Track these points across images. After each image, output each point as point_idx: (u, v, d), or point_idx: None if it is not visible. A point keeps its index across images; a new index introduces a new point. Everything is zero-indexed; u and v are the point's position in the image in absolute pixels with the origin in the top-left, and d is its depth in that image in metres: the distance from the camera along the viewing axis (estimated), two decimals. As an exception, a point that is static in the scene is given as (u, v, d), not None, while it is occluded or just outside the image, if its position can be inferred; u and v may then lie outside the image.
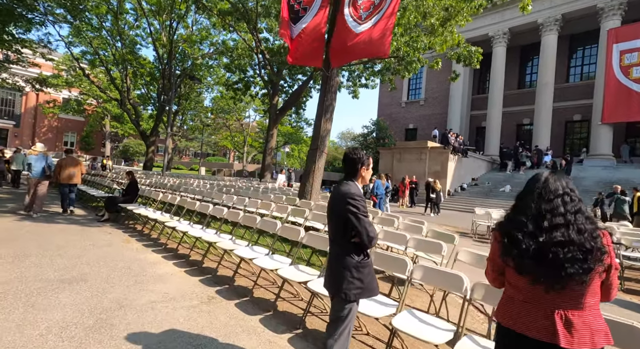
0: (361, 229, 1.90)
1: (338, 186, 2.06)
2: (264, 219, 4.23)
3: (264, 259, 3.60)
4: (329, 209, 2.11)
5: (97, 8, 21.07)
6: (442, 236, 4.20)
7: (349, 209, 1.91)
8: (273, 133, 19.15)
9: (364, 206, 1.95)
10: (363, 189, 7.73)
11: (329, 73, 7.08)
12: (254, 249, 4.03)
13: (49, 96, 40.76)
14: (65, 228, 6.30)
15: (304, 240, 3.52)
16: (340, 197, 1.97)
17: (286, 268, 3.32)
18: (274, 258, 3.70)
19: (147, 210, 6.67)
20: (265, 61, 17.95)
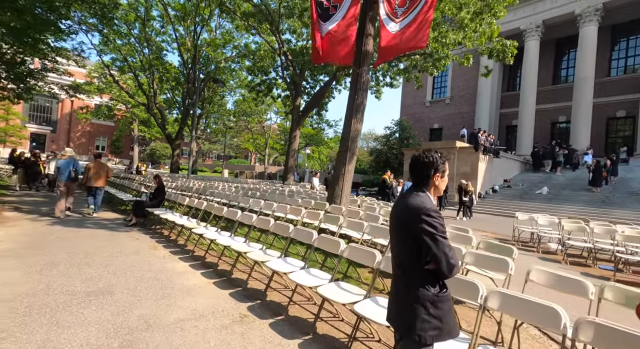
0: (439, 254, 1.49)
1: (406, 198, 1.66)
2: (297, 228, 3.88)
3: (301, 275, 3.25)
4: (393, 226, 1.72)
5: (126, 16, 21.76)
6: (498, 249, 3.69)
7: (423, 228, 1.51)
8: (295, 135, 18.94)
9: (443, 225, 1.54)
10: (389, 192, 7.30)
11: (360, 70, 6.68)
12: (288, 261, 3.68)
13: (82, 103, 42.79)
14: (94, 234, 6.25)
15: (344, 254, 3.13)
16: (411, 213, 1.57)
17: (326, 286, 2.95)
18: (311, 273, 3.34)
19: (174, 215, 6.52)
20: (287, 62, 17.78)
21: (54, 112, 47.09)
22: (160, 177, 7.90)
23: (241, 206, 7.12)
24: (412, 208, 1.58)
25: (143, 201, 7.41)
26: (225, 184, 13.34)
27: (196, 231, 5.17)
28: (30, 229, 6.24)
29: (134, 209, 7.29)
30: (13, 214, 7.64)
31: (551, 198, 16.88)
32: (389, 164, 27.57)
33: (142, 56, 24.21)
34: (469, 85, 29.88)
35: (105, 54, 24.60)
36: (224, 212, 5.29)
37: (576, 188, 17.33)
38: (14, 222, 6.73)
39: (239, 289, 3.87)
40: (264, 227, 4.48)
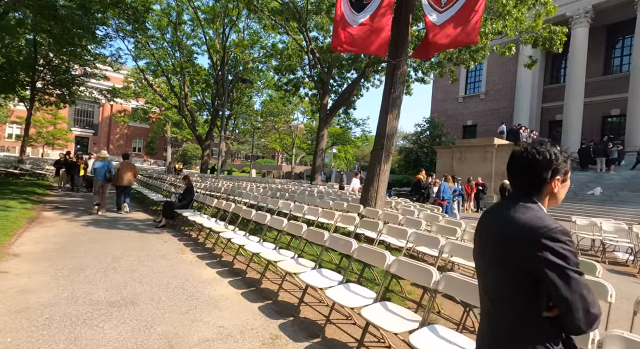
0: (573, 297, 0.99)
1: (508, 211, 1.15)
2: (333, 236, 3.45)
3: (340, 291, 2.81)
4: (485, 248, 1.23)
5: (160, 21, 22.46)
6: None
7: (546, 258, 1.01)
8: (323, 134, 18.56)
9: (576, 254, 1.04)
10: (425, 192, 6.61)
11: (396, 62, 6.13)
12: (323, 274, 3.27)
13: (120, 106, 45.15)
14: (124, 235, 6.20)
15: (392, 269, 2.66)
16: (522, 233, 1.08)
17: (371, 308, 2.49)
18: (350, 289, 2.89)
19: (202, 217, 6.33)
20: (315, 60, 17.43)
21: (95, 116, 50.08)
22: (189, 178, 7.81)
23: (269, 208, 6.82)
24: (523, 226, 1.08)
25: (172, 202, 7.32)
26: (253, 184, 13.23)
27: (224, 235, 4.90)
28: (66, 230, 6.30)
29: (164, 210, 7.21)
30: (52, 214, 7.85)
31: (605, 200, 15.27)
32: (419, 163, 26.47)
33: (174, 60, 24.93)
34: (506, 79, 28.05)
35: (140, 59, 25.60)
36: (253, 216, 4.98)
37: (635, 188, 15.55)
38: (52, 223, 6.86)
39: (268, 303, 3.51)
40: (295, 234, 4.10)
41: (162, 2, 20.74)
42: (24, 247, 4.90)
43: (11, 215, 6.90)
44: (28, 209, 8.00)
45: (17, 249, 4.74)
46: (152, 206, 10.16)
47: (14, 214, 7.06)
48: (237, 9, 21.15)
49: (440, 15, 5.51)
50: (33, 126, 37.37)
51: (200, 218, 6.20)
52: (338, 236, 3.39)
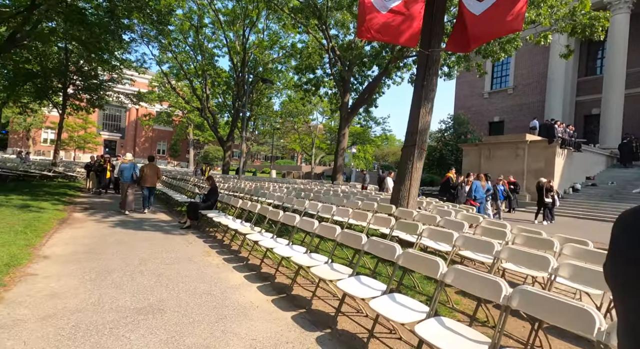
0: None
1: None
2: (372, 240, 3.14)
3: (385, 303, 2.50)
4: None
5: (182, 25, 22.87)
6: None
7: None
8: (344, 133, 18.23)
9: None
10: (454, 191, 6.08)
11: (429, 52, 5.73)
12: (363, 281, 2.96)
13: (145, 110, 46.66)
14: (150, 237, 6.13)
15: (447, 279, 2.31)
16: None
17: (428, 325, 2.16)
18: (396, 300, 2.57)
19: (227, 218, 6.18)
20: (335, 58, 17.14)
21: (122, 120, 52.02)
22: (213, 178, 7.71)
23: (295, 208, 6.58)
24: None
25: (197, 203, 7.23)
26: (275, 184, 13.10)
27: (251, 237, 4.69)
28: (94, 231, 6.32)
29: (188, 211, 7.13)
30: (82, 215, 7.97)
31: (653, 199, 14.05)
32: (443, 161, 25.60)
33: (196, 63, 25.35)
34: (536, 72, 26.67)
35: (164, 63, 26.21)
36: (280, 217, 4.74)
37: (688, 187, 14.22)
38: (81, 224, 6.93)
39: (302, 312, 3.24)
40: (328, 236, 3.82)
41: (184, 7, 21.08)
42: (54, 248, 4.89)
43: (44, 216, 7.03)
44: (59, 210, 8.17)
45: (48, 251, 4.73)
46: (176, 207, 10.19)
47: (46, 215, 7.19)
48: (256, 9, 21.21)
49: (481, 3, 5.07)
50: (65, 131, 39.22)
51: (225, 219, 6.04)
52: (378, 239, 3.07)
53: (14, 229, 5.61)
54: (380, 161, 62.25)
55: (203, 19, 23.91)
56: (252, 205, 5.82)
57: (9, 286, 3.38)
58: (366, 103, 18.75)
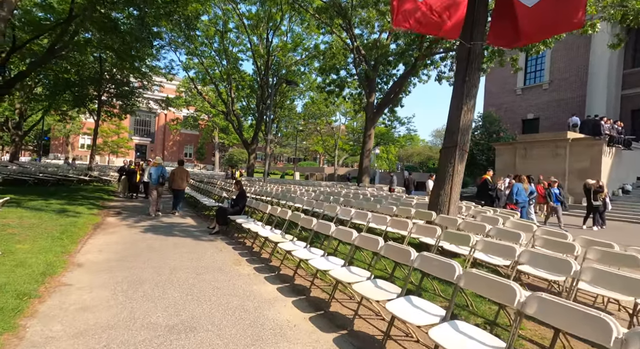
0: None
1: None
2: (424, 255, 2.78)
3: (448, 332, 2.14)
4: None
5: (207, 31, 23.35)
6: None
7: None
8: (370, 134, 17.78)
9: None
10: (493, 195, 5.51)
11: (471, 45, 5.27)
12: (415, 303, 2.60)
13: (173, 115, 48.28)
14: (179, 243, 6.06)
15: (529, 309, 1.93)
16: None
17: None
18: (459, 329, 2.20)
19: (256, 224, 5.99)
20: (360, 58, 16.75)
21: (152, 125, 54.14)
22: (241, 183, 7.59)
23: (326, 214, 6.30)
24: None
25: (225, 208, 7.12)
26: (301, 187, 12.90)
27: (283, 246, 4.45)
28: (127, 236, 6.35)
29: (217, 216, 7.04)
30: (115, 220, 8.10)
31: None
32: (474, 161, 24.45)
33: (221, 67, 25.81)
34: (576, 65, 24.95)
35: (190, 69, 26.88)
36: (314, 225, 4.46)
37: None
38: (114, 229, 7.01)
39: (344, 333, 2.93)
40: (369, 249, 3.49)
41: (210, 12, 21.48)
42: (88, 256, 4.88)
43: (79, 221, 7.18)
44: (94, 215, 8.36)
45: (82, 258, 4.72)
46: (204, 211, 10.21)
47: (82, 220, 7.34)
48: (280, 12, 21.25)
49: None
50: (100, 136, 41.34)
51: (255, 226, 5.85)
52: (433, 256, 2.70)
53: (51, 234, 5.71)
54: (404, 161, 60.83)
55: (228, 24, 24.31)
56: (282, 211, 5.59)
57: (44, 297, 3.32)
58: (392, 103, 18.20)
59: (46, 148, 46.75)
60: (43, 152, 45.69)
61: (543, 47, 12.84)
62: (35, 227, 6.17)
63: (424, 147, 59.95)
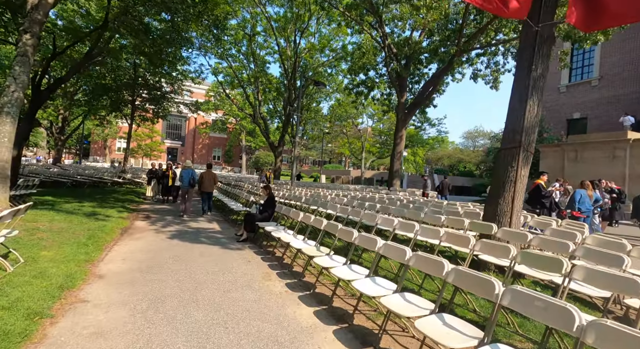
0: None
1: None
2: (514, 289, 2.10)
3: None
4: None
5: (236, 34, 23.53)
6: None
7: None
8: (402, 135, 16.92)
9: None
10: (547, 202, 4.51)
11: (538, 28, 4.47)
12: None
13: (202, 119, 49.58)
14: (206, 251, 5.67)
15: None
16: None
17: None
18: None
19: (287, 233, 5.48)
20: (391, 56, 15.99)
21: (182, 129, 55.94)
22: (270, 187, 7.14)
23: (364, 223, 5.68)
24: None
25: (253, 214, 6.70)
26: (331, 191, 12.35)
27: (319, 261, 3.89)
28: (152, 243, 6.07)
29: (245, 223, 6.62)
30: (143, 224, 7.93)
31: None
32: (513, 165, 22.77)
33: (249, 71, 25.96)
34: (631, 58, 22.64)
35: (219, 73, 27.27)
36: (355, 239, 3.86)
37: None
38: (141, 234, 6.78)
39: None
40: (432, 273, 2.85)
41: (239, 15, 21.61)
42: (111, 265, 4.58)
43: (108, 226, 7.03)
44: (123, 218, 8.26)
45: (104, 268, 4.42)
46: (232, 215, 9.91)
47: (110, 224, 7.20)
48: (307, 13, 20.96)
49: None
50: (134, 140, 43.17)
51: (285, 235, 5.35)
52: (530, 292, 2.02)
53: (77, 240, 5.52)
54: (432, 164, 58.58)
55: (256, 28, 24.39)
56: (316, 220, 5.04)
57: (57, 317, 2.96)
58: (425, 103, 17.23)
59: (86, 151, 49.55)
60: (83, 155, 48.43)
61: (602, 38, 11.49)
62: (63, 231, 6.04)
63: (454, 150, 57.53)
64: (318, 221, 4.97)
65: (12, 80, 6.63)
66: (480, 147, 55.69)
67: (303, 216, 5.47)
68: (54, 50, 12.37)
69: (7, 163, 6.66)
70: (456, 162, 54.96)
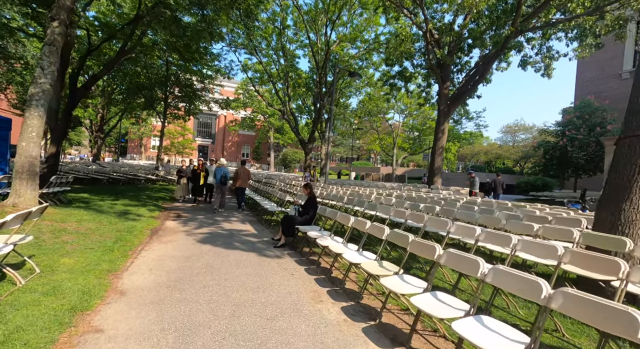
0: None
1: None
2: None
3: None
4: None
5: (266, 28, 23.02)
6: None
7: None
8: (444, 128, 15.53)
9: None
10: None
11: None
12: None
13: (232, 116, 50.08)
14: (241, 260, 4.94)
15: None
16: None
17: None
18: None
19: (336, 242, 4.62)
20: (432, 43, 14.62)
21: (213, 127, 56.92)
22: (311, 186, 6.29)
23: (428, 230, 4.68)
24: None
25: (292, 217, 5.89)
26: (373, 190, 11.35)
27: (390, 285, 2.96)
28: (183, 247, 5.45)
29: (283, 226, 5.83)
30: (174, 225, 7.42)
31: None
32: (566, 160, 20.47)
33: (279, 65, 25.43)
34: None
35: (249, 70, 26.96)
36: (441, 257, 2.89)
37: None
38: (171, 236, 6.21)
39: None
40: (572, 315, 1.84)
41: (269, 8, 21.02)
42: (135, 277, 3.93)
43: (137, 226, 6.55)
44: (154, 218, 7.80)
45: (127, 282, 3.77)
46: (265, 215, 9.23)
47: (140, 225, 6.72)
48: (340, 1, 19.94)
49: None
50: (167, 138, 44.34)
51: (335, 244, 4.49)
52: None
53: (104, 244, 4.99)
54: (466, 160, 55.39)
55: (286, 21, 23.73)
56: (375, 227, 4.11)
57: (60, 356, 2.28)
58: (470, 93, 15.69)
59: (124, 149, 51.75)
60: (121, 154, 50.57)
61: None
62: (90, 233, 5.57)
63: (491, 145, 54.07)
64: (378, 229, 4.03)
65: (41, 72, 6.27)
66: (521, 142, 51.87)
67: (355, 221, 4.56)
68: (88, 47, 12.34)
69: (35, 159, 6.33)
70: (494, 158, 51.68)
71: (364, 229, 4.28)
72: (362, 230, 4.33)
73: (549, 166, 21.72)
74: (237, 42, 23.43)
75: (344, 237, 4.74)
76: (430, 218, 4.65)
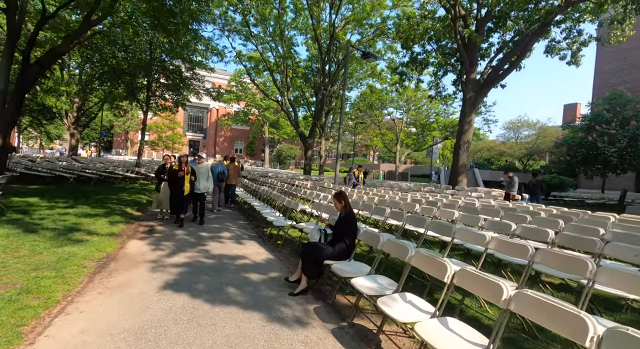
0: None
1: None
2: None
3: None
4: None
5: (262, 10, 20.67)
6: None
7: None
8: (470, 121, 13.49)
9: None
10: None
11: None
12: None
13: (224, 110, 47.45)
14: (241, 320, 2.76)
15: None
16: None
17: None
18: None
19: (416, 306, 2.48)
20: (460, 18, 12.50)
21: (204, 121, 54.19)
22: (347, 197, 4.05)
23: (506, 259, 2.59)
24: None
25: (317, 246, 3.73)
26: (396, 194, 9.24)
27: None
28: (137, 304, 3.26)
29: (303, 261, 3.65)
30: (137, 247, 5.20)
31: None
32: (593, 157, 18.67)
33: (276, 52, 23.14)
34: None
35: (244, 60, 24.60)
36: None
37: None
38: (126, 274, 4.03)
39: None
40: None
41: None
42: None
43: (80, 254, 4.35)
44: (114, 236, 5.57)
45: None
46: (267, 228, 7.06)
47: (85, 251, 4.50)
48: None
49: None
50: (155, 131, 41.53)
51: (418, 313, 2.35)
52: None
53: (4, 294, 2.78)
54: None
55: (284, 2, 21.37)
56: (472, 275, 1.99)
57: None
58: (504, 77, 13.62)
59: (109, 144, 48.78)
60: (106, 149, 47.59)
61: None
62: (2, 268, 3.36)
63: (493, 142, 52.43)
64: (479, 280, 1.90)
65: None
66: (525, 138, 50.32)
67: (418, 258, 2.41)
68: (43, 14, 9.91)
69: None
70: (497, 155, 50.15)
71: (444, 278, 2.15)
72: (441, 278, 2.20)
73: (574, 163, 19.89)
74: (232, 26, 21.11)
75: (399, 279, 2.62)
76: (496, 239, 2.54)
